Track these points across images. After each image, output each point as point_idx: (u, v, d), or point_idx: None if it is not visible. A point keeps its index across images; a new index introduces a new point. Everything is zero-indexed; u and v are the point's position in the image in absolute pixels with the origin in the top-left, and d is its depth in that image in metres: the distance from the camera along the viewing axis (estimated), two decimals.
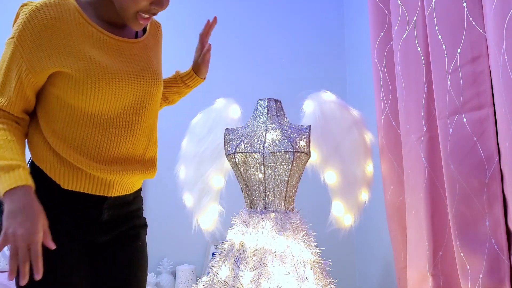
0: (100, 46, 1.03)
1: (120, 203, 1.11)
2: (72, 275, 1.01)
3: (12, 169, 0.89)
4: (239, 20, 2.81)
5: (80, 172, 1.02)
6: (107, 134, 1.04)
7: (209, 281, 1.55)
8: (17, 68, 0.97)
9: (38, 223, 0.88)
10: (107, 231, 1.09)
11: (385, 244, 2.26)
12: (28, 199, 0.89)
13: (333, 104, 1.77)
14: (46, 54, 0.96)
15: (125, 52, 1.08)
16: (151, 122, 1.15)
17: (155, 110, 1.17)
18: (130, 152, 1.09)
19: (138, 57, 1.10)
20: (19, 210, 0.87)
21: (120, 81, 1.03)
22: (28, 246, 0.85)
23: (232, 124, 1.81)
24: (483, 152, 1.31)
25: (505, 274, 1.25)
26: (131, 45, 1.10)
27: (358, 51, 2.76)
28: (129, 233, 1.15)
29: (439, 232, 1.52)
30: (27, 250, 0.85)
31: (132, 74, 1.06)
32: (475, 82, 1.34)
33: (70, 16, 0.99)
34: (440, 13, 1.44)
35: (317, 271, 1.49)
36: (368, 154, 1.75)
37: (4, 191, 0.88)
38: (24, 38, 0.95)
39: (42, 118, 1.02)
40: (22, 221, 0.86)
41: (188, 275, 2.34)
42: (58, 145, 1.01)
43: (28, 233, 0.86)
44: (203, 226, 1.79)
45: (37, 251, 0.85)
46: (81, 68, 0.98)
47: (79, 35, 0.99)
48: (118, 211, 1.11)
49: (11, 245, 0.85)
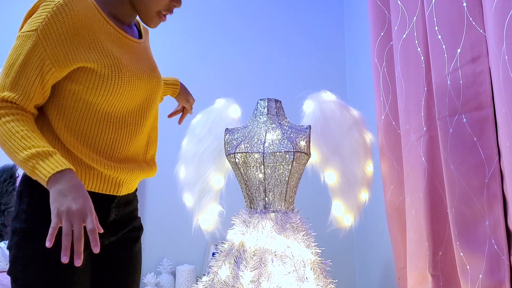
0: (118, 44, 1.05)
1: (125, 202, 1.13)
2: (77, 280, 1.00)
3: (50, 155, 0.87)
4: (239, 20, 2.81)
5: (92, 172, 1.02)
6: (119, 132, 1.05)
7: (209, 281, 1.55)
8: (38, 62, 0.94)
9: (90, 200, 0.86)
10: (114, 232, 1.09)
11: (385, 244, 2.26)
12: (76, 179, 0.87)
13: (333, 104, 1.77)
14: (72, 49, 0.95)
15: (136, 51, 1.11)
16: (152, 121, 1.17)
17: (157, 109, 1.20)
18: (136, 151, 1.11)
19: (145, 57, 1.14)
20: (70, 188, 0.84)
21: (136, 79, 1.05)
22: (83, 223, 0.82)
23: (232, 124, 1.81)
24: (483, 152, 1.31)
25: (505, 274, 1.25)
26: (138, 45, 1.13)
27: (358, 51, 2.76)
28: (131, 236, 1.16)
29: (439, 232, 1.51)
30: (82, 227, 0.82)
31: (145, 73, 1.09)
32: (475, 82, 1.34)
33: (91, 12, 1.00)
34: (440, 13, 1.44)
35: (317, 271, 1.49)
36: (368, 154, 1.75)
37: (49, 175, 0.85)
38: (50, 32, 0.93)
39: (55, 114, 1.00)
40: (75, 198, 0.84)
41: (188, 275, 2.34)
42: (71, 142, 0.99)
43: (84, 208, 0.83)
44: (203, 226, 1.79)
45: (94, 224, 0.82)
46: (107, 64, 0.99)
47: (101, 32, 1.01)
48: (123, 210, 1.12)
49: (64, 222, 0.81)
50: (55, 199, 0.84)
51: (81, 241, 0.81)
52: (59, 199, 0.83)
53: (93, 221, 0.82)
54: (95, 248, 0.80)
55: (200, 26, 2.74)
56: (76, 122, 1.00)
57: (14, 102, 0.93)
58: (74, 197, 0.83)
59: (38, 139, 0.89)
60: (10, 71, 0.94)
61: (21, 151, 0.87)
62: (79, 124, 1.00)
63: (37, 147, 0.87)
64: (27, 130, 0.90)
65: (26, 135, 0.89)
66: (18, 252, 0.96)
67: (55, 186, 0.84)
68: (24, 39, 0.94)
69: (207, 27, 2.74)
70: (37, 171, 0.86)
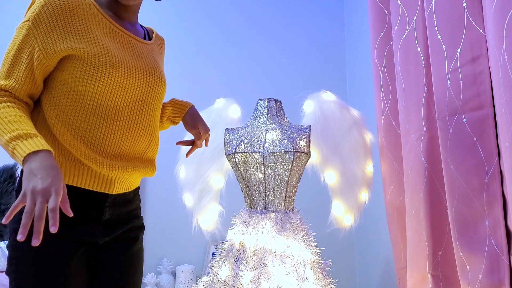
0: (113, 37, 1.06)
1: (121, 202, 1.10)
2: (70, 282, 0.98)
3: (31, 137, 0.88)
4: (240, 20, 2.81)
5: (82, 167, 1.01)
6: (112, 127, 1.03)
7: (209, 281, 1.55)
8: (29, 50, 0.97)
9: (60, 182, 0.83)
10: (108, 232, 1.07)
11: (385, 244, 2.26)
12: (51, 161, 0.86)
13: (333, 104, 1.77)
14: (61, 37, 0.97)
15: (135, 48, 1.11)
16: (154, 121, 1.15)
17: (158, 110, 1.18)
18: (132, 149, 1.09)
19: (145, 56, 1.14)
20: (40, 168, 0.83)
21: (128, 72, 1.04)
22: (46, 203, 0.80)
23: (232, 124, 1.81)
24: (483, 152, 1.31)
25: (505, 274, 1.25)
26: (140, 44, 1.14)
27: (358, 51, 2.76)
28: (129, 235, 1.13)
29: (439, 232, 1.52)
30: (45, 207, 0.79)
31: (140, 68, 1.09)
32: (475, 82, 1.34)
33: (85, 5, 1.02)
34: (440, 13, 1.44)
35: (317, 271, 1.49)
36: (368, 154, 1.75)
37: (24, 154, 0.84)
38: (40, 20, 0.96)
39: (47, 106, 1.01)
40: (43, 177, 0.82)
41: (188, 275, 2.34)
42: (63, 134, 0.99)
43: (48, 188, 0.81)
44: (203, 226, 1.79)
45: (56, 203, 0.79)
46: (93, 53, 0.99)
47: (94, 24, 1.02)
48: (119, 210, 1.10)
49: (28, 201, 0.79)
50: (25, 178, 0.83)
51: (41, 220, 0.78)
52: (28, 177, 0.82)
53: (56, 200, 0.80)
54: (51, 228, 0.77)
55: (200, 26, 2.74)
56: (67, 113, 1.00)
57: (8, 90, 0.96)
58: (42, 176, 0.82)
59: (24, 124, 0.90)
60: (5, 61, 0.98)
61: (5, 134, 0.88)
62: (70, 115, 1.00)
63: (20, 130, 0.88)
64: (15, 115, 0.91)
65: (13, 120, 0.90)
66: (13, 253, 0.96)
67: (28, 165, 0.84)
68: (19, 30, 0.98)
69: (207, 27, 2.74)
70: (16, 152, 0.86)
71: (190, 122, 1.36)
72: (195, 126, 1.36)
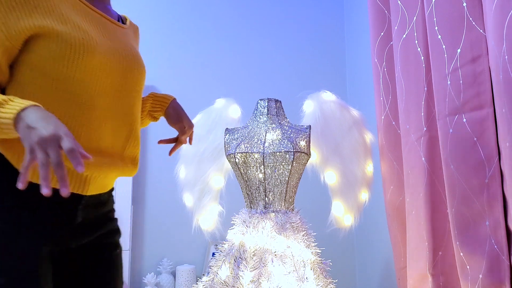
0: (85, 16, 0.96)
1: (95, 203, 1.01)
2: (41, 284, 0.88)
3: (11, 100, 0.78)
4: (239, 20, 2.81)
5: None
6: (87, 116, 0.92)
7: (209, 281, 1.55)
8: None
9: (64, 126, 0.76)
10: (82, 235, 0.98)
11: (385, 244, 2.26)
12: (44, 111, 0.77)
13: (333, 104, 1.77)
14: (25, 14, 0.85)
15: (109, 29, 1.02)
16: (133, 110, 1.05)
17: (138, 100, 1.08)
18: (110, 142, 0.99)
19: (121, 39, 1.05)
20: (36, 119, 0.74)
21: (104, 54, 0.94)
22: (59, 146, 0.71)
23: (232, 124, 1.81)
24: (483, 152, 1.31)
25: (505, 274, 1.25)
26: (114, 26, 1.04)
27: (358, 51, 2.76)
28: (107, 241, 1.05)
29: (439, 232, 1.52)
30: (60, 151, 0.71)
31: (116, 50, 0.99)
32: (475, 82, 1.34)
33: None
34: (440, 13, 1.44)
35: (317, 271, 1.49)
36: (368, 154, 1.75)
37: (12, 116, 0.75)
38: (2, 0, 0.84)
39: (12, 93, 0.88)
40: (44, 126, 0.73)
41: (188, 275, 2.34)
42: None
43: (56, 132, 0.72)
44: (203, 226, 1.79)
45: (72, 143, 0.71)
46: (64, 31, 0.88)
47: (64, 2, 0.93)
48: (93, 213, 1.00)
49: (38, 154, 0.71)
50: (24, 136, 0.74)
51: (64, 166, 0.70)
52: (28, 133, 0.73)
53: (70, 140, 0.72)
54: (78, 167, 0.70)
55: (200, 26, 2.74)
56: (36, 99, 0.85)
57: None
58: (42, 125, 0.73)
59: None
60: None
61: None
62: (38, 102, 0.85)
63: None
64: None
65: None
66: None
67: (21, 124, 0.74)
68: None
69: (207, 27, 2.74)
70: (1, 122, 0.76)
71: (174, 115, 1.25)
72: (179, 119, 1.25)
